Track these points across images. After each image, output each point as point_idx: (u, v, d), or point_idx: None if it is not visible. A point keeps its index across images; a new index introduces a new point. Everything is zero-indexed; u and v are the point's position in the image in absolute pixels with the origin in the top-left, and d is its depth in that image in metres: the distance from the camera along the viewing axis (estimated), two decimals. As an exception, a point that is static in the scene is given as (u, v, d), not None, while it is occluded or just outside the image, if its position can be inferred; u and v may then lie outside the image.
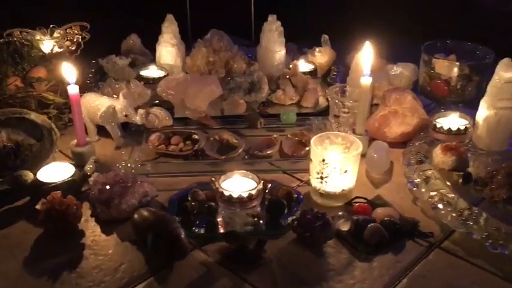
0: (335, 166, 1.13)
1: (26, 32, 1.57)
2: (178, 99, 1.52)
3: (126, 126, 1.42)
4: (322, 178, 1.15)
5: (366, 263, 1.02)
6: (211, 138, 1.39)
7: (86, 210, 1.15)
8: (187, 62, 1.70)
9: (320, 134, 1.19)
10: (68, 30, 1.61)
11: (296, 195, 1.17)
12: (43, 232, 1.09)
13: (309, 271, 1.00)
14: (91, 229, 1.10)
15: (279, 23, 1.70)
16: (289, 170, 1.30)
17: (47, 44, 1.57)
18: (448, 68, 1.41)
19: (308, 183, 1.23)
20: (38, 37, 1.56)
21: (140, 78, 1.61)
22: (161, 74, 1.63)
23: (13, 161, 1.27)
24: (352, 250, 1.05)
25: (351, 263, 1.02)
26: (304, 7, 1.95)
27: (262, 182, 1.13)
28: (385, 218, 1.09)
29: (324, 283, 0.97)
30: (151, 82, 1.60)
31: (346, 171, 1.14)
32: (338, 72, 1.71)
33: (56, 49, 1.56)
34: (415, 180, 1.19)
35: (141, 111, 1.34)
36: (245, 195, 1.09)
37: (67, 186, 1.15)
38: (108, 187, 1.12)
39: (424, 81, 1.50)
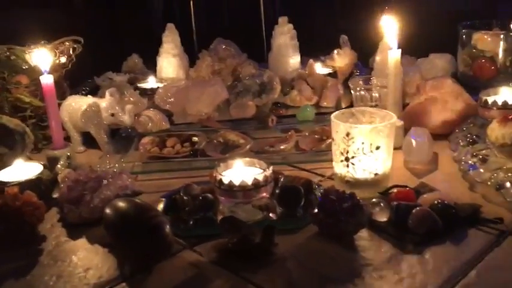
0: (363, 141, 0.88)
1: (13, 48, 1.42)
2: (179, 107, 1.32)
3: (115, 133, 1.22)
4: (347, 160, 0.90)
5: (415, 255, 0.75)
6: (215, 141, 1.17)
7: (54, 215, 0.92)
8: (190, 74, 1.52)
9: (342, 110, 0.96)
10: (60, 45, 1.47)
11: (316, 186, 0.92)
12: (-5, 240, 0.85)
13: (337, 267, 0.73)
14: (55, 233, 0.87)
15: (290, 25, 1.52)
16: (306, 162, 1.05)
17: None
18: (493, 42, 1.19)
19: (332, 177, 0.98)
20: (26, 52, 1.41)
21: (137, 89, 1.42)
22: (160, 85, 1.44)
23: (-21, 172, 1.07)
24: (395, 242, 0.78)
25: (394, 256, 0.75)
26: (319, 13, 1.78)
27: (271, 167, 0.89)
28: (437, 200, 0.82)
29: (357, 280, 0.70)
30: (149, 93, 1.41)
31: (378, 148, 0.89)
32: (361, 74, 1.49)
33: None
34: (469, 161, 0.93)
35: (129, 107, 1.13)
36: (250, 182, 0.85)
37: (32, 186, 0.92)
38: (79, 187, 0.89)
39: (465, 64, 1.27)
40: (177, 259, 0.77)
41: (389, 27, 1.08)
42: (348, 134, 0.88)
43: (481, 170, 0.90)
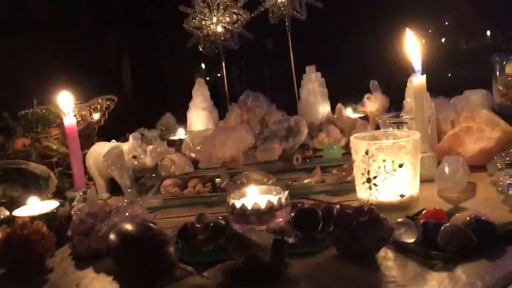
0: (384, 159, 0.82)
1: (49, 108, 1.48)
2: (206, 155, 1.30)
3: (139, 179, 1.21)
4: (369, 181, 0.84)
5: (444, 272, 0.66)
6: (238, 182, 1.13)
7: (66, 250, 0.89)
8: (220, 126, 1.52)
9: (363, 133, 0.91)
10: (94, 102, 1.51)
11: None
12: (5, 272, 0.83)
13: (355, 286, 0.65)
14: (63, 265, 0.83)
15: (319, 73, 1.51)
16: (329, 193, 0.99)
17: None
18: (527, 68, 1.12)
19: (358, 208, 0.91)
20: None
21: (165, 140, 1.43)
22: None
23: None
24: (423, 260, 0.69)
25: (421, 274, 0.66)
26: (349, 61, 1.78)
27: (287, 191, 0.84)
28: (470, 216, 0.74)
29: (378, 297, 0.61)
30: (177, 143, 1.41)
31: (401, 166, 0.82)
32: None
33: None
34: (508, 181, 0.84)
35: (150, 147, 1.13)
36: (263, 205, 0.80)
37: (46, 220, 0.90)
38: (91, 219, 0.87)
39: (501, 95, 1.20)
40: (182, 284, 0.71)
41: (413, 49, 1.03)
42: (367, 152, 0.83)
43: (522, 188, 0.81)
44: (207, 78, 3.63)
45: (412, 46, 1.02)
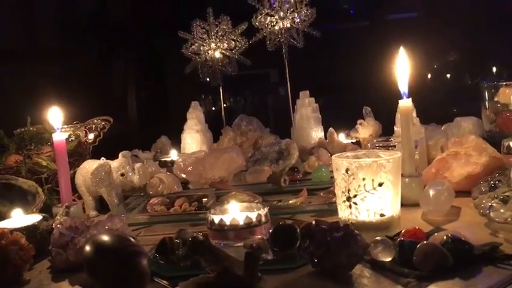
0: (364, 177, 0.82)
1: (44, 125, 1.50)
2: (196, 177, 1.31)
3: (128, 197, 1.21)
4: (349, 199, 0.83)
5: (417, 289, 0.65)
6: (225, 202, 1.12)
7: (45, 264, 0.89)
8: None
9: (346, 153, 0.91)
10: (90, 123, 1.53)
11: (318, 231, 0.85)
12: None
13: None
14: (40, 277, 0.83)
15: (312, 99, 1.53)
16: (313, 212, 0.99)
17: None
18: (515, 94, 1.13)
19: (341, 228, 0.90)
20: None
21: (158, 161, 1.44)
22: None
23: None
24: (398, 278, 0.68)
25: (393, 291, 0.65)
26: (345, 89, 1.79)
27: (267, 208, 0.84)
28: (447, 236, 0.73)
29: (346, 312, 0.61)
30: (169, 164, 1.42)
31: (381, 185, 0.82)
32: (386, 143, 1.44)
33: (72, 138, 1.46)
34: (489, 204, 0.84)
35: (138, 165, 1.13)
36: (242, 221, 0.80)
37: (27, 233, 0.90)
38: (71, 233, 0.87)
39: (491, 122, 1.20)
40: (154, 296, 0.71)
41: (402, 65, 1.03)
42: (347, 170, 0.83)
43: (502, 210, 0.81)
44: (213, 108, 3.69)
45: (402, 67, 1.03)
